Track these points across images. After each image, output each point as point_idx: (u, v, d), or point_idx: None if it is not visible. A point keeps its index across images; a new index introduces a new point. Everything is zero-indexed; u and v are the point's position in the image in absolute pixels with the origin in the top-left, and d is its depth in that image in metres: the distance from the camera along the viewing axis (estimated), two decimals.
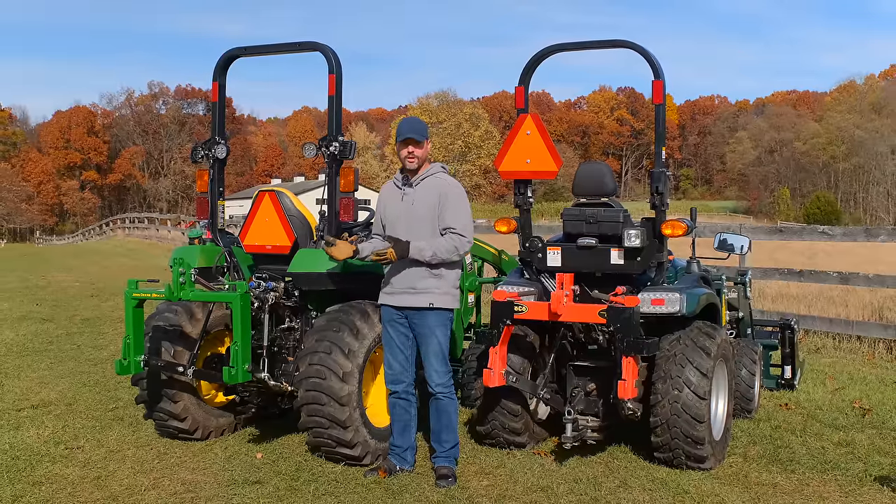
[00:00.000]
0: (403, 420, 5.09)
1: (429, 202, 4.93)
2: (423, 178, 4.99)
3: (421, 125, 5.06)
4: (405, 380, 5.04)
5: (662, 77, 5.29)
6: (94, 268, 23.42)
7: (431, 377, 4.99)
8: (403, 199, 5.00)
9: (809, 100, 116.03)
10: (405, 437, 5.11)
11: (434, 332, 4.96)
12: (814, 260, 19.50)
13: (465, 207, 5.00)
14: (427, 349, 4.98)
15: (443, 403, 5.01)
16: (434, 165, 5.10)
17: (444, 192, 4.94)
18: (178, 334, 5.51)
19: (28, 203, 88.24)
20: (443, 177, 5.04)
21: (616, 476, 5.08)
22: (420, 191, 4.97)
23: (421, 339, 4.99)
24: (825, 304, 11.19)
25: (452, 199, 4.94)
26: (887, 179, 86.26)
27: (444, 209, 4.91)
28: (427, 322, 4.95)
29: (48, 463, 5.31)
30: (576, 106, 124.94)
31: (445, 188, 4.96)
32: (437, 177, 5.01)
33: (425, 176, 5.00)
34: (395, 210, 5.02)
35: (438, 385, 4.97)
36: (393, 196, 5.07)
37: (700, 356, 5.11)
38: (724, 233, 7.18)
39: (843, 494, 4.80)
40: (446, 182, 5.01)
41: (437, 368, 4.97)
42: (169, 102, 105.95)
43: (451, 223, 4.91)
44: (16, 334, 10.62)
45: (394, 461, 5.10)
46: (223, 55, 5.96)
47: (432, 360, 4.98)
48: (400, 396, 5.06)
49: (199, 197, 6.08)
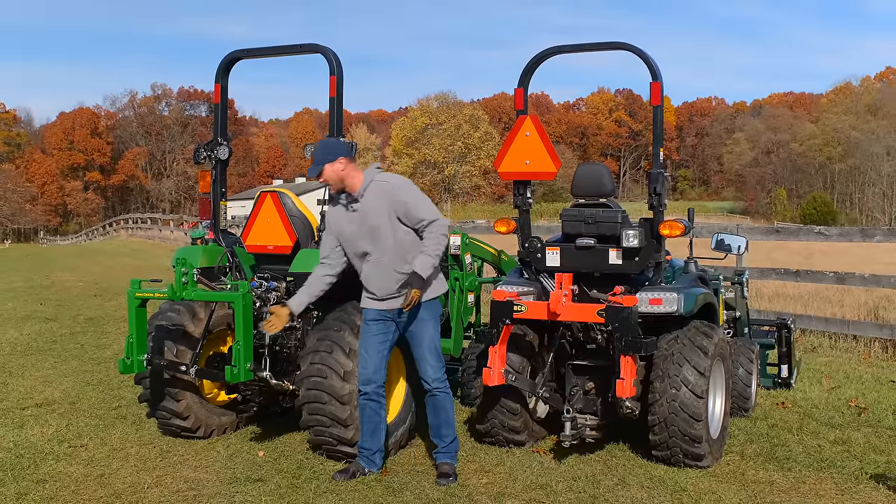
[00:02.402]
0: (374, 422, 5.02)
1: (379, 210, 4.81)
2: (365, 189, 4.86)
3: (318, 153, 4.87)
4: (377, 380, 4.97)
5: (660, 79, 5.31)
6: (98, 268, 23.37)
7: (427, 372, 4.95)
8: (354, 217, 4.90)
9: (806, 101, 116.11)
10: (375, 440, 5.04)
11: (426, 324, 4.94)
12: (810, 260, 19.55)
13: (418, 194, 4.89)
14: (421, 344, 4.95)
15: (439, 399, 4.99)
16: (368, 171, 4.94)
17: (391, 194, 4.82)
18: (180, 334, 5.54)
19: (32, 203, 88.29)
20: (381, 179, 4.88)
21: (614, 474, 5.12)
22: (366, 202, 4.85)
23: (413, 335, 4.97)
24: (821, 304, 11.21)
25: (403, 195, 4.82)
26: (883, 180, 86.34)
27: (404, 209, 4.80)
28: (417, 316, 4.93)
29: (52, 461, 5.35)
30: (574, 107, 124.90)
31: (390, 190, 4.83)
32: (375, 182, 4.86)
33: (365, 186, 4.86)
34: (349, 229, 4.93)
35: (435, 380, 4.95)
36: (343, 216, 4.95)
37: (697, 355, 5.14)
38: (721, 233, 7.18)
39: (840, 492, 4.83)
40: (388, 184, 4.86)
41: (431, 363, 4.94)
42: (172, 104, 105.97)
43: (421, 216, 4.81)
44: (20, 333, 10.64)
45: (362, 464, 5.03)
46: (225, 57, 5.98)
47: (427, 354, 4.94)
48: (371, 398, 4.98)
49: (201, 198, 6.13)
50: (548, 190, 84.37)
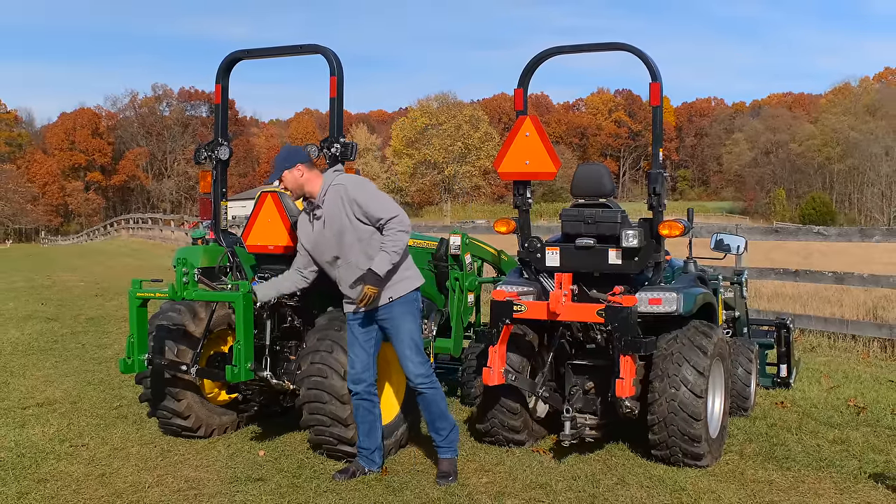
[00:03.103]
0: (368, 421, 5.04)
1: (338, 213, 4.85)
2: (324, 194, 4.89)
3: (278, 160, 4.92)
4: (367, 379, 4.99)
5: (660, 79, 5.32)
6: (99, 268, 23.39)
7: (409, 369, 4.92)
8: (315, 225, 4.95)
9: (805, 102, 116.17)
10: (372, 439, 5.06)
11: (403, 320, 4.92)
12: (809, 260, 19.58)
13: (373, 192, 4.87)
14: (400, 341, 4.93)
15: (427, 396, 4.96)
16: (327, 175, 4.97)
17: (346, 195, 4.82)
18: (181, 333, 5.56)
19: (33, 204, 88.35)
20: (338, 183, 4.89)
21: (614, 473, 5.13)
22: (326, 208, 4.89)
23: (391, 333, 4.96)
24: (820, 304, 11.22)
25: (358, 195, 4.81)
26: (881, 180, 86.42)
27: (360, 209, 4.80)
28: (393, 314, 4.92)
29: (53, 460, 5.36)
30: (574, 108, 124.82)
31: (344, 192, 4.83)
32: (333, 186, 4.88)
33: (324, 191, 4.89)
34: (314, 237, 4.97)
35: (418, 376, 4.91)
36: (307, 226, 5.02)
37: (697, 355, 5.15)
38: (720, 233, 7.17)
39: (839, 491, 4.85)
40: (342, 186, 4.87)
41: (412, 358, 4.91)
42: (172, 104, 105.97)
43: (378, 214, 4.79)
44: (21, 333, 10.67)
45: (362, 463, 5.05)
46: (226, 58, 5.99)
47: (406, 351, 4.92)
48: (363, 397, 5.00)
49: (202, 198, 6.14)
50: (547, 190, 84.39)
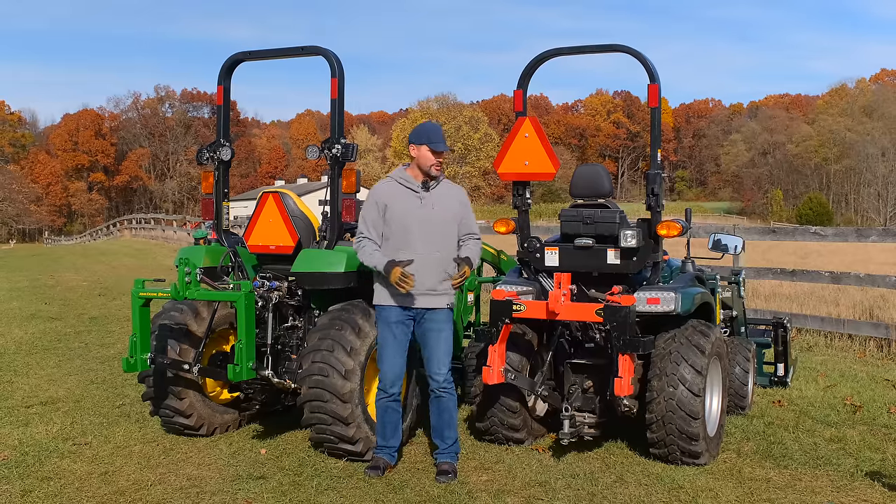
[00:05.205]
0: (394, 421, 5.13)
1: (451, 208, 5.09)
2: (438, 184, 5.11)
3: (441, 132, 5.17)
4: (399, 385, 5.09)
5: (658, 81, 5.35)
6: (102, 267, 23.38)
7: (439, 372, 5.02)
8: (423, 204, 5.04)
9: (802, 103, 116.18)
10: (396, 437, 5.17)
11: (448, 325, 5.09)
12: (806, 260, 19.63)
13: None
14: (438, 345, 5.04)
15: (445, 400, 5.06)
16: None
17: (462, 199, 5.18)
18: (183, 333, 5.59)
19: (37, 204, 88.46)
20: (451, 184, 5.21)
21: (612, 471, 5.16)
22: (437, 196, 5.07)
23: (432, 336, 5.04)
24: (817, 303, 11.24)
25: (468, 206, 5.18)
26: (878, 181, 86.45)
27: (465, 217, 5.13)
28: (443, 318, 5.06)
29: (56, 458, 5.39)
30: (573, 109, 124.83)
31: (461, 195, 5.20)
32: (447, 183, 5.16)
33: (439, 181, 5.11)
34: (412, 214, 5.01)
35: (445, 381, 5.03)
36: (407, 200, 5.04)
37: (695, 354, 5.18)
38: (718, 233, 7.20)
39: (835, 489, 4.87)
40: (459, 189, 5.24)
41: (445, 362, 5.04)
42: (175, 106, 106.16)
43: (473, 229, 5.17)
44: (25, 332, 10.70)
45: (388, 459, 5.13)
46: (228, 59, 6.01)
47: (443, 356, 5.04)
48: (395, 398, 5.07)
49: (204, 198, 6.17)
50: (546, 190, 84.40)
